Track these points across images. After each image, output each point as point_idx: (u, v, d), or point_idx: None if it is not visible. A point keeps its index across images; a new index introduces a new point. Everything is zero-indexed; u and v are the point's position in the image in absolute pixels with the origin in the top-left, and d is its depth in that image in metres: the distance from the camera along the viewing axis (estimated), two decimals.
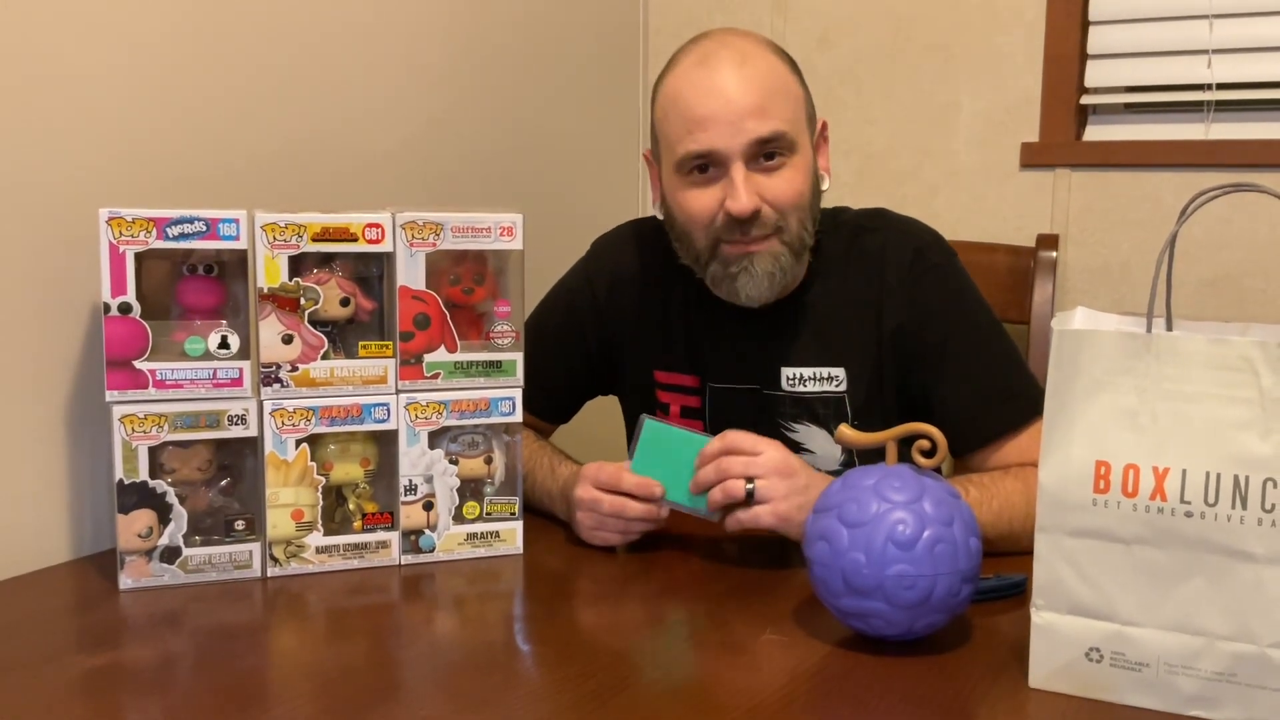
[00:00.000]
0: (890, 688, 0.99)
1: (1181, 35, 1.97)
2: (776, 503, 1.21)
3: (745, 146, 1.30)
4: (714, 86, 1.31)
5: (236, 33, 1.49)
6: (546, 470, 1.42)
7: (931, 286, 1.39)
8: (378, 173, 1.73)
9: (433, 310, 1.29)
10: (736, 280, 1.35)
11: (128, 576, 1.21)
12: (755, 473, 1.22)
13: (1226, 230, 1.93)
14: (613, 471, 1.31)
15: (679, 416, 1.49)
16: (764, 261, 1.33)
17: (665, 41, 2.37)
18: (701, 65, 1.33)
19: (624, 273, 1.51)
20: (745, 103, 1.30)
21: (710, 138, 1.30)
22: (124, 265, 1.18)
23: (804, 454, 1.42)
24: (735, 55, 1.32)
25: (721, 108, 1.30)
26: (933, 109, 2.14)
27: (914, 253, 1.41)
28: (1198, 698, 0.92)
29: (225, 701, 0.96)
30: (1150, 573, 0.92)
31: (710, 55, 1.33)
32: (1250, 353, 0.89)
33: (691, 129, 1.31)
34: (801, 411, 1.43)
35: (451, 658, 1.07)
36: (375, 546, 1.30)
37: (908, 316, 1.39)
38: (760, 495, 1.22)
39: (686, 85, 1.33)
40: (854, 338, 1.41)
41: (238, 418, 1.23)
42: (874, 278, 1.41)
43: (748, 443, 1.24)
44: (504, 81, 1.98)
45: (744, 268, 1.34)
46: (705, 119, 1.30)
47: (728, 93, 1.30)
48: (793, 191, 1.33)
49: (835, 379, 1.41)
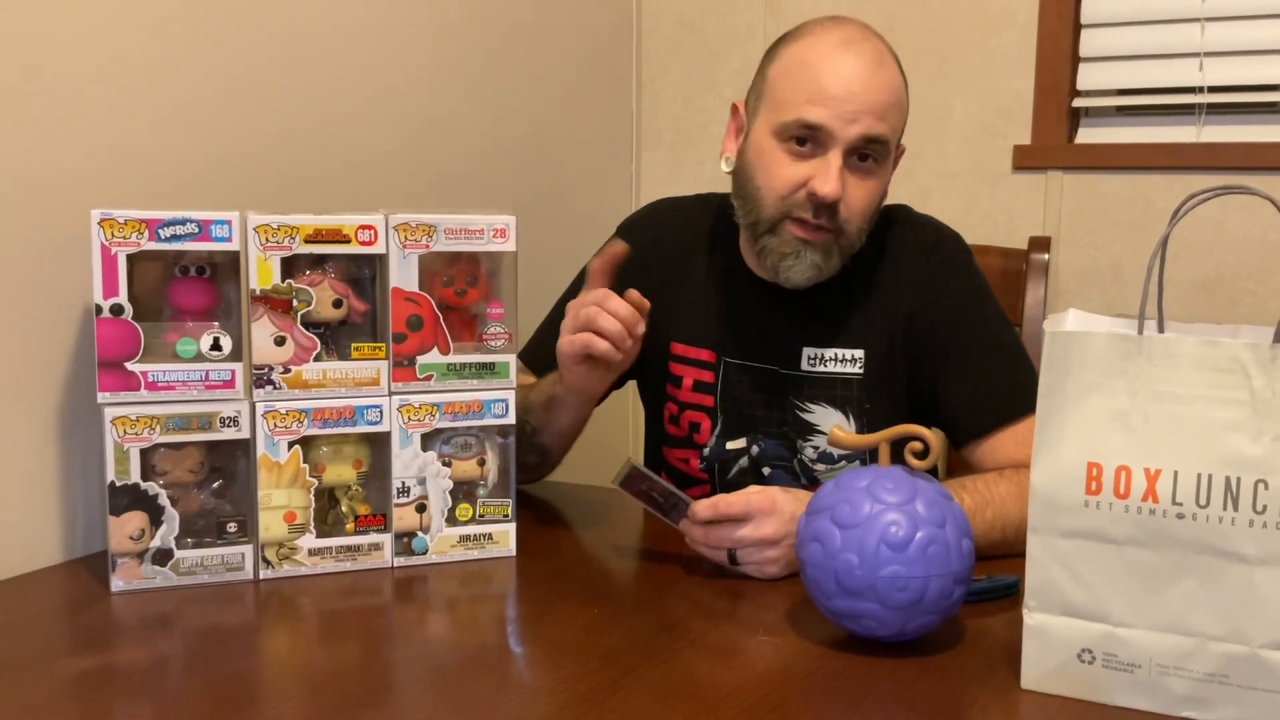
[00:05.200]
0: (883, 689, 0.99)
1: (1173, 38, 1.97)
2: (761, 566, 1.23)
3: (854, 138, 1.32)
4: (853, 71, 1.32)
5: (229, 33, 1.49)
6: (535, 390, 1.45)
7: (945, 278, 1.43)
8: (370, 174, 1.72)
9: (425, 312, 1.29)
10: (784, 260, 1.37)
11: (119, 579, 1.21)
12: (738, 545, 1.23)
13: (1218, 232, 1.94)
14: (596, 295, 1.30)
15: (691, 390, 1.50)
16: (816, 253, 1.36)
17: (658, 42, 2.37)
18: (844, 47, 1.34)
19: (650, 244, 1.52)
20: (871, 99, 1.32)
21: (828, 115, 1.31)
22: (116, 266, 1.18)
23: (816, 436, 1.44)
24: (875, 53, 1.35)
25: (849, 93, 1.31)
26: (925, 111, 2.14)
27: (931, 245, 1.44)
28: (1190, 699, 0.92)
29: (217, 704, 0.96)
30: (1142, 574, 0.93)
31: (855, 41, 1.35)
32: (1241, 354, 0.89)
33: (814, 99, 1.32)
34: (819, 393, 1.44)
35: (444, 660, 1.07)
36: (368, 549, 1.30)
37: (921, 305, 1.42)
38: (742, 560, 1.24)
39: (826, 57, 1.34)
40: (872, 322, 1.44)
41: (230, 420, 1.23)
42: (892, 265, 1.44)
43: (736, 509, 1.23)
44: (496, 82, 1.98)
45: (796, 251, 1.36)
46: (831, 97, 1.31)
47: (860, 82, 1.32)
48: (869, 200, 1.37)
49: (856, 360, 1.43)
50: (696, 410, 1.51)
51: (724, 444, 1.49)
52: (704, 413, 1.50)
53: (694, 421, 1.51)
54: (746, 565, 1.24)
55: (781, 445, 1.47)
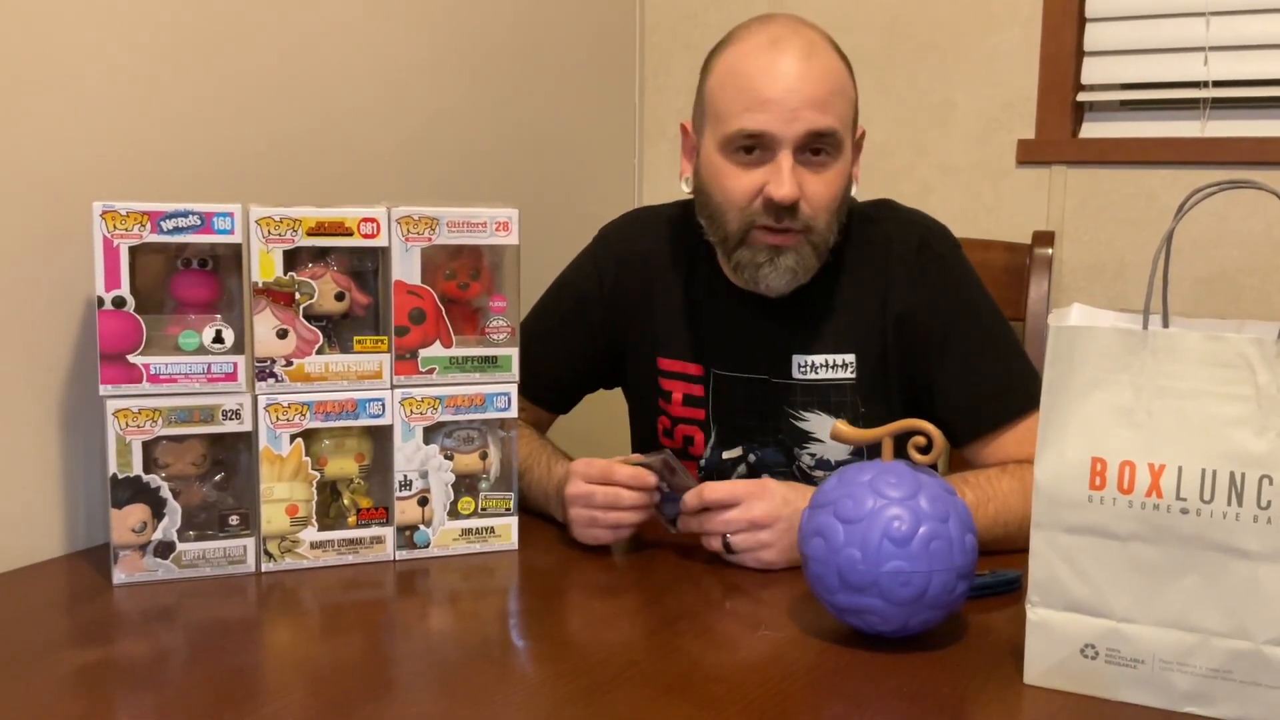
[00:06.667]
0: (885, 684, 0.99)
1: (1178, 33, 1.97)
2: (757, 553, 1.23)
3: (799, 136, 1.29)
4: (782, 70, 1.30)
5: (231, 26, 1.49)
6: (543, 469, 1.42)
7: (935, 276, 1.40)
8: (373, 168, 1.72)
9: (428, 305, 1.29)
10: (760, 270, 1.35)
11: (121, 571, 1.21)
12: (731, 529, 1.24)
13: (1222, 228, 1.93)
14: (603, 465, 1.31)
15: (681, 404, 1.49)
16: (789, 258, 1.34)
17: (661, 37, 2.37)
18: (771, 47, 1.31)
19: (632, 258, 1.51)
20: (809, 93, 1.29)
21: (768, 120, 1.29)
22: (118, 259, 1.18)
23: (813, 443, 1.43)
24: (805, 45, 1.32)
25: (785, 92, 1.29)
26: (929, 106, 2.14)
27: (919, 242, 1.41)
28: (1193, 694, 0.92)
29: (219, 697, 0.96)
30: (1146, 569, 0.92)
31: (781, 39, 1.32)
32: (1247, 349, 0.89)
33: (750, 107, 1.30)
34: (813, 400, 1.43)
35: (446, 653, 1.07)
36: (370, 542, 1.29)
37: (911, 305, 1.39)
38: (737, 548, 1.24)
39: (753, 63, 1.32)
40: (862, 324, 1.41)
41: (232, 412, 1.23)
42: (879, 266, 1.41)
43: (724, 495, 1.24)
44: (500, 76, 1.98)
45: (770, 258, 1.34)
46: (767, 100, 1.29)
47: (794, 79, 1.29)
48: (830, 193, 1.33)
49: (848, 365, 1.41)
50: (689, 424, 1.49)
51: (720, 454, 1.48)
52: (696, 426, 1.48)
53: (687, 435, 1.49)
54: (742, 555, 1.24)
55: (779, 452, 1.45)
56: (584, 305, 1.52)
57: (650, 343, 1.50)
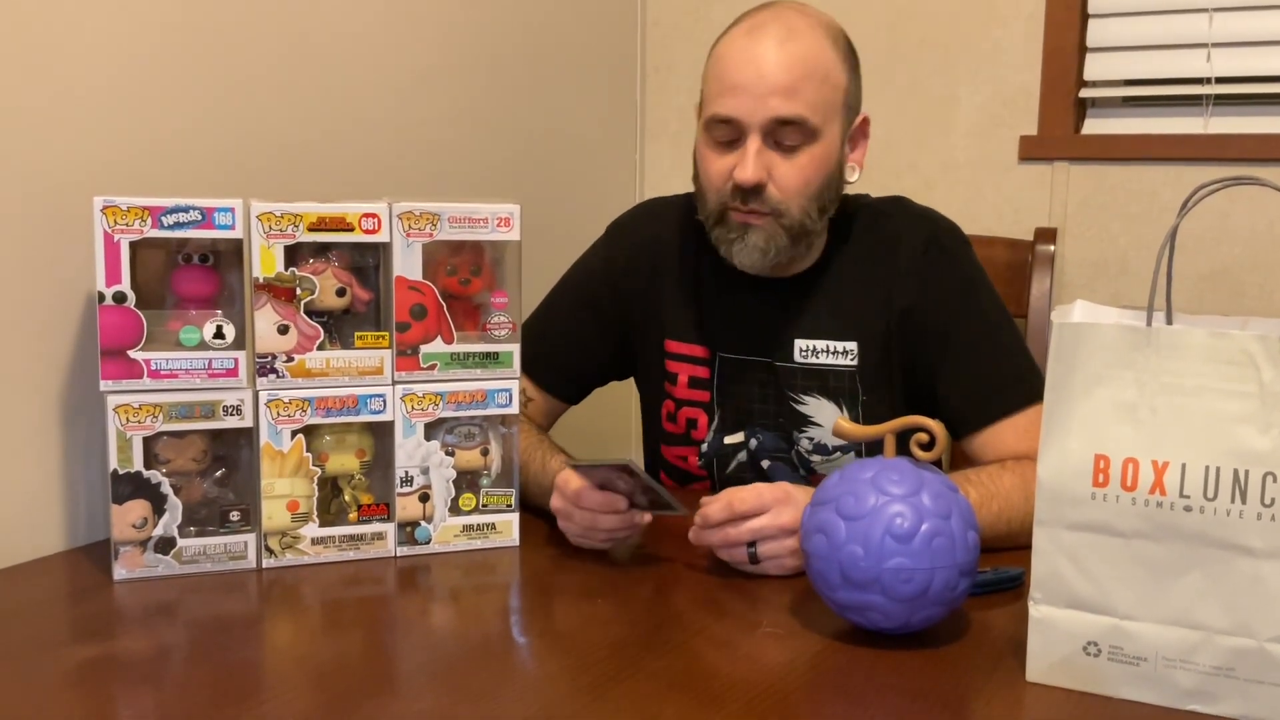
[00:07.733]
0: (887, 681, 0.98)
1: (1181, 29, 1.96)
2: (781, 560, 1.21)
3: (764, 122, 1.32)
4: (751, 57, 1.32)
5: (233, 22, 1.49)
6: (539, 466, 1.41)
7: (942, 271, 1.41)
8: (374, 164, 1.72)
9: (429, 301, 1.29)
10: (732, 246, 1.38)
11: (122, 567, 1.21)
12: (759, 537, 1.20)
13: (1225, 224, 1.93)
14: (574, 491, 1.27)
15: (686, 386, 1.50)
16: (757, 236, 1.36)
17: (663, 33, 2.36)
18: (749, 34, 1.34)
19: (642, 244, 1.54)
20: (775, 80, 1.31)
21: (735, 105, 1.32)
22: (119, 254, 1.18)
23: (811, 427, 1.44)
24: (782, 30, 1.33)
25: (752, 79, 1.31)
26: (931, 102, 2.14)
27: (927, 237, 1.43)
28: (1196, 692, 0.92)
29: (220, 693, 0.95)
30: (1149, 567, 0.92)
31: (759, 26, 1.34)
32: (1251, 346, 0.88)
33: (723, 93, 1.33)
34: (813, 384, 1.44)
35: (447, 650, 1.07)
36: (371, 538, 1.29)
37: (917, 299, 1.41)
38: (763, 556, 1.21)
39: (730, 50, 1.35)
40: (866, 315, 1.43)
41: (233, 408, 1.23)
42: (888, 259, 1.43)
43: (750, 503, 1.20)
44: (501, 72, 1.97)
45: (740, 235, 1.36)
46: (736, 86, 1.32)
47: (761, 66, 1.31)
48: (800, 180, 1.34)
49: (848, 353, 1.43)
50: (693, 406, 1.50)
51: (721, 438, 1.49)
52: (700, 408, 1.50)
53: (691, 418, 1.51)
54: (767, 563, 1.21)
55: (779, 437, 1.46)
56: (596, 292, 1.54)
57: (658, 326, 1.51)
